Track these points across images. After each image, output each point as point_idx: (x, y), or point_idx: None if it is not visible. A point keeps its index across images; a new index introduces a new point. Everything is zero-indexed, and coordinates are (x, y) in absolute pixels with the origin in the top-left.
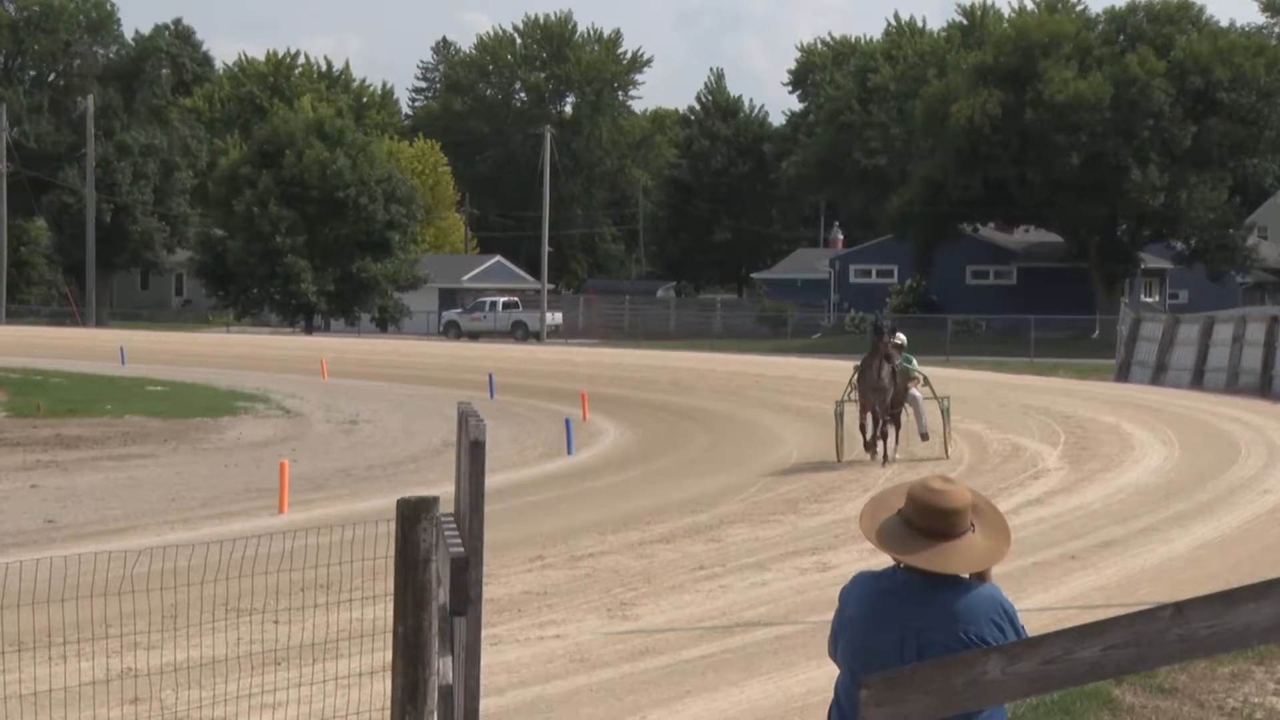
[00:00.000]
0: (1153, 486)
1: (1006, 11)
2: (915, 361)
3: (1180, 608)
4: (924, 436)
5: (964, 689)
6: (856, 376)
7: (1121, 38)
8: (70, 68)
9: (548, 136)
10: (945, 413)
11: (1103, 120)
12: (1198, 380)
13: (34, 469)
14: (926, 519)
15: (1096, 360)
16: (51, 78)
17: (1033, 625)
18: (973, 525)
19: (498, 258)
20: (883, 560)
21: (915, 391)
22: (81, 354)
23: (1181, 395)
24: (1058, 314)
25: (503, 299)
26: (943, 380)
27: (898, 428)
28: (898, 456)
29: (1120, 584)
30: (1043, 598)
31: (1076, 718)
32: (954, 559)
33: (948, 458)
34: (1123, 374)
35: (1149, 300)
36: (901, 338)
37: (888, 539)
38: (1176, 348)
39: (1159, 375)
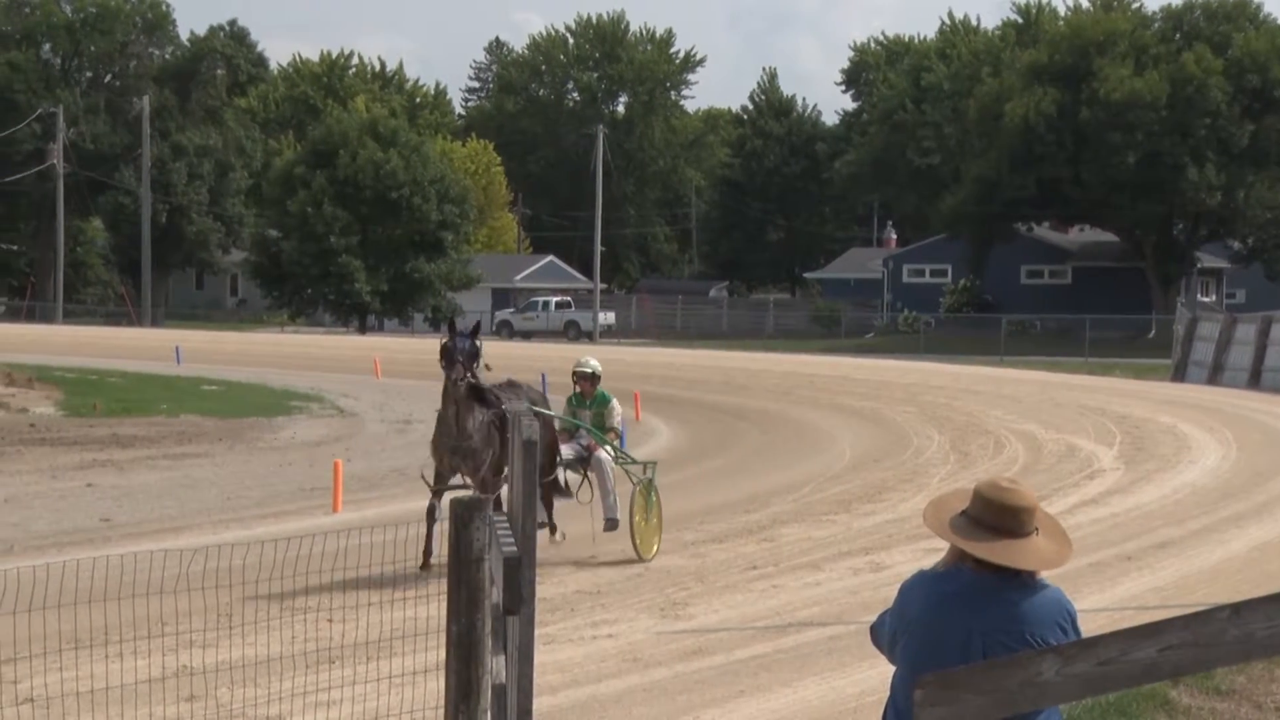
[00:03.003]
0: (1209, 487)
1: (1062, 10)
2: (616, 405)
3: (1238, 609)
4: (609, 523)
5: (1019, 690)
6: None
7: (1178, 36)
8: (126, 69)
9: (600, 136)
10: (647, 487)
11: (1159, 119)
12: (1255, 380)
13: (90, 468)
14: (997, 516)
15: (1153, 360)
16: (108, 79)
17: (1089, 626)
18: (1036, 529)
19: (550, 257)
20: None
21: (602, 454)
22: (137, 354)
23: (1238, 395)
24: (1113, 314)
25: (555, 299)
26: (998, 381)
27: (549, 507)
28: (560, 539)
29: (1177, 585)
30: (1099, 599)
31: (1133, 719)
32: (1025, 555)
33: (645, 560)
34: (1179, 374)
35: (1206, 300)
36: (593, 364)
37: (961, 531)
38: (1233, 348)
39: (1216, 375)
